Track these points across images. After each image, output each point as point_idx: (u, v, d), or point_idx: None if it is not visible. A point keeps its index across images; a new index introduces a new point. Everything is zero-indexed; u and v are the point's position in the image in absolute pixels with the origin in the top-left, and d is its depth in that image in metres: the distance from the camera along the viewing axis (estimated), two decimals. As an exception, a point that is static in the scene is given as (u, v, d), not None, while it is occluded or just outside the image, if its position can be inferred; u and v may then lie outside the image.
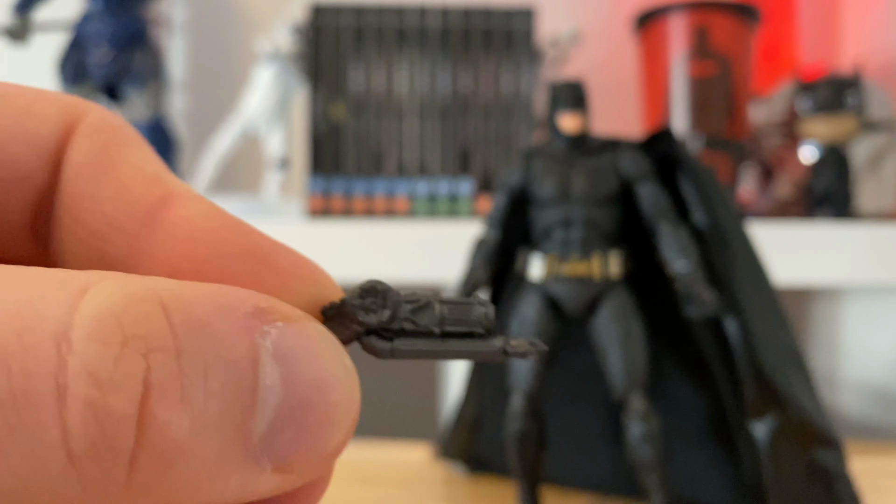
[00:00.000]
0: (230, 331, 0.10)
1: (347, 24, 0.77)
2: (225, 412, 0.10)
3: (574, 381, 0.42)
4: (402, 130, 0.78)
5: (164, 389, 0.09)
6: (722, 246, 0.38)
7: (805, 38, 0.97)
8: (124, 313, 0.09)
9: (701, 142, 0.77)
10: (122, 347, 0.09)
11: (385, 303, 0.12)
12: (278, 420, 0.10)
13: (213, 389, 0.10)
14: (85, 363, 0.09)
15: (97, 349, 0.09)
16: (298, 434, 0.10)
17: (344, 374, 0.11)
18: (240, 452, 0.10)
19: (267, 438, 0.10)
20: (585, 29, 0.86)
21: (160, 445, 0.09)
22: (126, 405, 0.09)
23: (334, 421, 0.11)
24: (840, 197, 0.73)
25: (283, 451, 0.10)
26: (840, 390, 0.80)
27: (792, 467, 0.36)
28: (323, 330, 0.11)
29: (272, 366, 0.10)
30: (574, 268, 0.38)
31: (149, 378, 0.09)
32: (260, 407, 0.10)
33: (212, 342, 0.10)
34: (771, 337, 0.37)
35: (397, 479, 0.46)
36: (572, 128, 0.40)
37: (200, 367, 0.10)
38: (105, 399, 0.09)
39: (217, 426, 0.10)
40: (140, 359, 0.09)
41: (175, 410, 0.09)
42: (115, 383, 0.09)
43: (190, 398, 0.09)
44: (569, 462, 0.43)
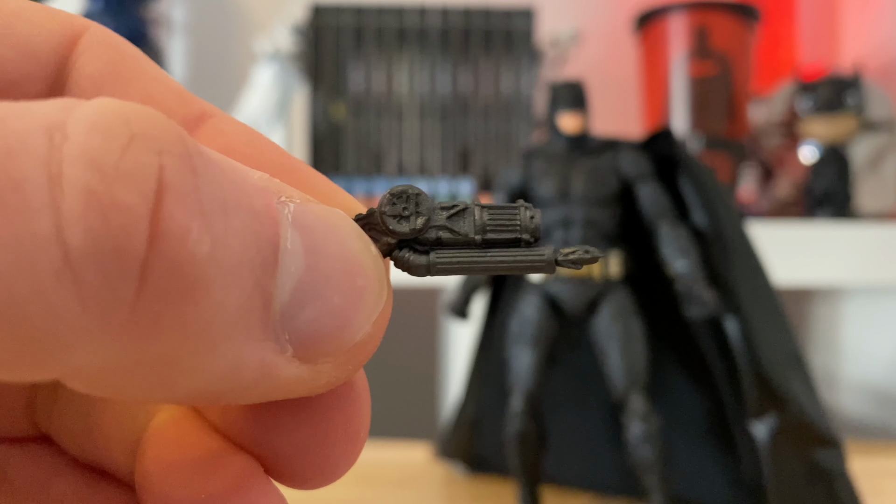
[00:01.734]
0: (247, 185, 0.09)
1: (347, 24, 0.77)
2: (246, 258, 0.08)
3: (574, 381, 0.42)
4: (402, 130, 0.78)
5: (181, 192, 0.08)
6: (722, 246, 0.38)
7: (805, 38, 0.97)
8: (132, 114, 0.08)
9: (701, 142, 0.77)
10: (130, 140, 0.07)
11: (418, 208, 0.11)
12: (300, 292, 0.09)
13: (234, 227, 0.08)
14: (84, 149, 0.07)
15: (99, 138, 0.07)
16: (322, 315, 0.09)
17: (370, 259, 0.10)
18: (260, 317, 0.09)
19: (289, 311, 0.09)
20: (585, 29, 0.86)
21: (177, 256, 0.08)
22: (136, 198, 0.07)
23: (360, 306, 0.10)
24: (840, 197, 0.73)
25: (306, 332, 0.09)
26: (840, 390, 0.80)
27: (792, 467, 0.36)
28: (345, 215, 0.10)
29: (293, 231, 0.09)
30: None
31: (163, 176, 0.08)
32: (282, 270, 0.09)
33: (228, 183, 0.08)
34: (771, 337, 0.37)
35: (397, 479, 0.46)
36: (572, 128, 0.40)
37: (219, 196, 0.08)
38: (109, 188, 0.07)
39: (237, 271, 0.08)
40: (153, 155, 0.08)
41: (195, 219, 0.08)
42: (123, 172, 0.07)
43: (209, 217, 0.08)
44: (569, 462, 0.43)
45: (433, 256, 0.11)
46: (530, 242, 0.11)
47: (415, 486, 0.45)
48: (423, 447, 0.53)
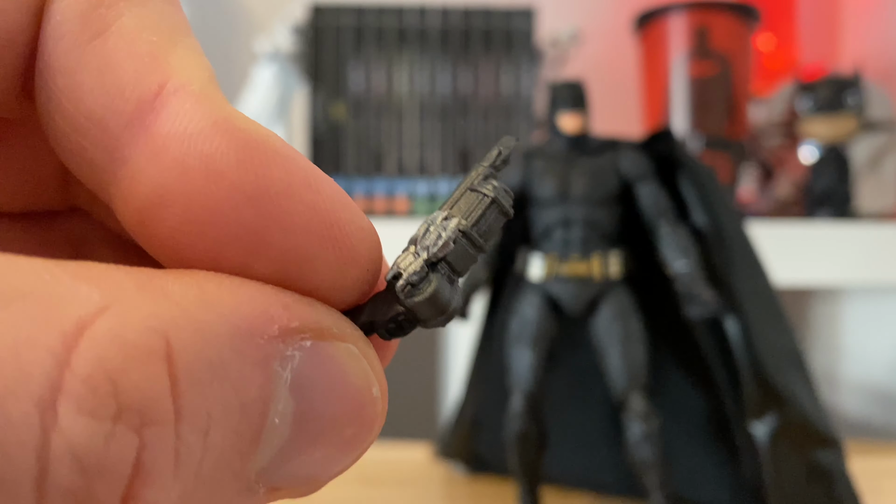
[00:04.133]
0: (245, 366, 0.09)
1: (347, 24, 0.77)
2: (221, 463, 0.09)
3: (574, 381, 0.42)
4: (402, 130, 0.78)
5: (154, 469, 0.08)
6: (722, 246, 0.38)
7: (805, 38, 0.97)
8: (122, 375, 0.08)
9: (701, 142, 0.77)
10: (115, 423, 0.08)
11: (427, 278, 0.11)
12: (281, 456, 0.09)
13: (213, 443, 0.08)
14: (71, 444, 0.07)
15: (86, 426, 0.07)
16: (301, 468, 0.09)
17: (367, 405, 0.10)
18: (233, 491, 0.09)
19: (265, 472, 0.09)
20: (585, 29, 0.86)
21: None
22: (109, 492, 0.08)
23: (343, 455, 0.10)
24: (840, 197, 0.73)
25: (281, 480, 0.09)
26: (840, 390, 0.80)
27: (792, 467, 0.36)
28: (356, 352, 0.10)
29: (286, 401, 0.09)
30: (574, 268, 0.38)
31: (140, 457, 0.08)
32: (262, 447, 0.09)
33: (220, 390, 0.08)
34: (771, 337, 0.37)
35: (397, 479, 0.46)
36: (572, 128, 0.40)
37: (202, 423, 0.08)
38: (88, 487, 0.07)
39: (211, 477, 0.09)
40: (133, 436, 0.08)
41: (164, 491, 0.08)
42: (102, 468, 0.08)
43: (184, 463, 0.08)
44: (569, 462, 0.43)
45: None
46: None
47: (415, 486, 0.45)
48: (423, 447, 0.53)
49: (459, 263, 0.11)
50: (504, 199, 0.12)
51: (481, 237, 0.11)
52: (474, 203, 0.12)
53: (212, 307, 0.08)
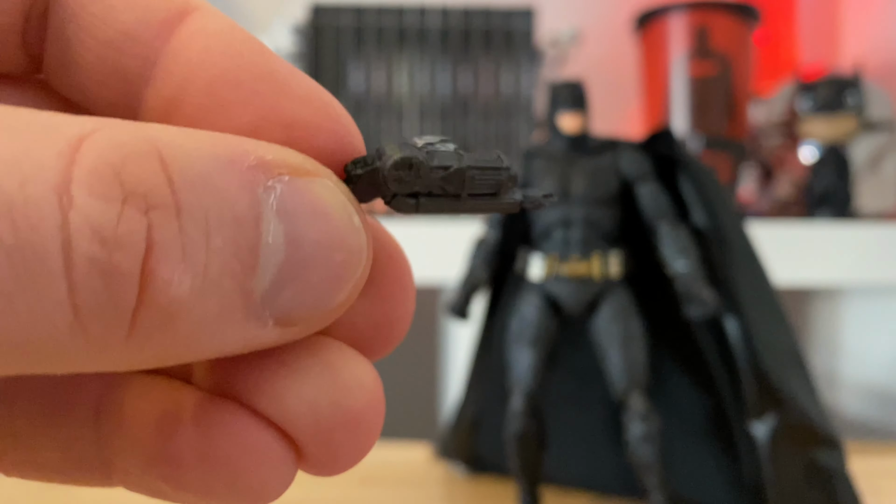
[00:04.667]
0: (231, 185, 0.10)
1: (347, 24, 0.77)
2: (226, 270, 0.10)
3: (574, 381, 0.42)
4: (402, 130, 0.78)
5: (165, 248, 0.09)
6: (722, 246, 0.38)
7: (805, 38, 0.97)
8: (123, 168, 0.09)
9: (701, 142, 0.77)
10: (123, 205, 0.09)
11: (419, 175, 0.12)
12: (281, 278, 0.10)
13: (215, 247, 0.10)
14: (88, 219, 0.09)
15: (99, 206, 0.09)
16: (301, 291, 0.10)
17: (351, 232, 0.11)
18: (241, 309, 0.10)
19: (269, 295, 0.10)
20: (585, 29, 0.86)
21: (161, 303, 0.09)
22: (130, 263, 0.09)
23: (338, 279, 0.11)
24: (840, 197, 0.73)
25: (286, 308, 0.10)
26: (840, 390, 0.80)
27: (792, 467, 0.36)
28: (331, 186, 0.11)
29: (276, 223, 0.10)
30: (574, 268, 0.38)
31: (150, 236, 0.09)
32: (262, 265, 0.10)
33: (212, 198, 0.10)
34: (771, 337, 0.37)
35: (397, 479, 0.46)
36: (572, 128, 0.40)
37: (201, 224, 0.09)
38: (109, 257, 0.09)
39: (218, 284, 0.10)
40: (141, 216, 0.09)
41: (176, 269, 0.09)
42: (119, 241, 0.09)
43: (191, 256, 0.09)
44: (569, 462, 0.43)
45: (423, 200, 0.12)
46: (504, 193, 0.13)
47: (415, 486, 0.45)
48: (423, 447, 0.53)
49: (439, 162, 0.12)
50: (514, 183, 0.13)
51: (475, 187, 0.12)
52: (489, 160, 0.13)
53: (194, 137, 0.10)
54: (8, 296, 0.08)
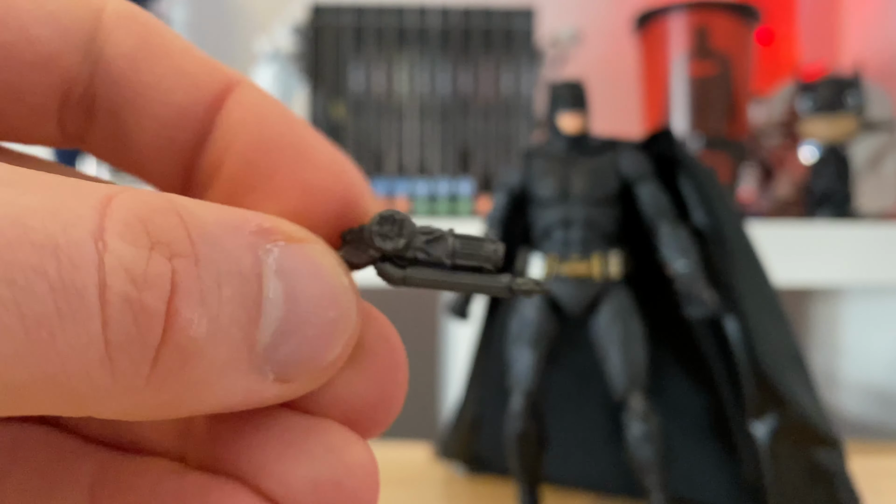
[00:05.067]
0: (237, 246, 0.11)
1: (347, 24, 0.77)
2: (235, 319, 0.11)
3: (574, 381, 0.42)
4: (402, 130, 0.78)
5: (187, 291, 0.10)
6: (722, 246, 0.38)
7: (805, 38, 0.97)
8: (149, 220, 0.10)
9: (701, 142, 0.77)
10: (151, 250, 0.10)
11: (401, 231, 0.13)
12: (280, 332, 0.11)
13: (226, 296, 0.11)
14: (121, 261, 0.10)
15: (130, 250, 0.10)
16: (299, 347, 0.11)
17: (342, 292, 0.12)
18: (246, 359, 0.11)
19: (270, 349, 0.11)
20: (585, 29, 0.86)
21: (181, 342, 0.10)
22: (157, 302, 0.10)
23: (332, 335, 0.12)
24: (840, 197, 0.73)
25: (285, 362, 0.11)
26: (840, 390, 0.81)
27: (792, 467, 0.36)
28: (323, 250, 0.12)
29: (275, 281, 0.11)
30: (574, 268, 0.38)
31: (175, 279, 0.10)
32: (264, 318, 0.11)
33: (222, 254, 0.11)
34: (771, 337, 0.37)
35: (397, 479, 0.46)
36: (572, 128, 0.40)
37: (214, 274, 0.10)
38: (140, 295, 0.10)
39: (228, 331, 0.11)
40: (166, 261, 0.10)
41: (196, 310, 0.10)
42: (148, 281, 0.10)
43: (207, 301, 0.10)
44: (569, 462, 0.43)
45: (409, 271, 0.13)
46: (491, 271, 0.13)
47: (415, 486, 0.45)
48: (423, 447, 0.53)
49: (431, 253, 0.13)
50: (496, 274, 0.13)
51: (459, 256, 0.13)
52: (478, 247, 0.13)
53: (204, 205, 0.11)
54: (50, 329, 0.09)
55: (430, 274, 0.13)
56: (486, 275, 0.13)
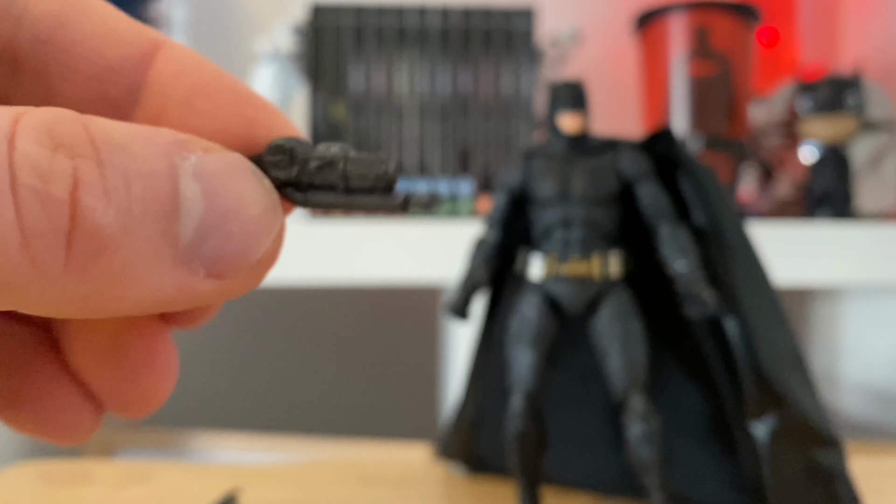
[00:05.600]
0: (149, 153, 0.12)
1: (347, 24, 0.77)
2: (148, 214, 0.12)
3: (574, 381, 0.42)
4: (402, 130, 0.78)
5: (89, 184, 0.11)
6: (722, 246, 0.38)
7: (805, 38, 0.97)
8: (55, 126, 0.11)
9: (701, 142, 0.77)
10: (54, 150, 0.11)
11: (292, 161, 0.13)
12: (203, 228, 0.12)
13: (135, 195, 0.11)
14: (28, 158, 0.11)
15: (36, 149, 0.11)
16: (224, 241, 0.12)
17: (263, 192, 0.13)
18: (169, 253, 0.12)
19: (194, 244, 0.12)
20: (585, 29, 0.86)
21: (90, 229, 0.11)
22: (62, 192, 0.11)
23: (256, 231, 0.13)
24: (840, 197, 0.73)
25: (213, 256, 0.12)
26: (840, 390, 0.81)
27: (792, 467, 0.36)
28: (241, 157, 0.13)
29: (192, 182, 0.12)
30: (574, 268, 0.38)
31: (76, 174, 0.11)
32: (183, 215, 0.12)
33: (130, 159, 0.12)
34: (771, 337, 0.37)
35: (397, 479, 0.46)
36: (572, 128, 0.40)
37: (120, 175, 0.11)
38: (46, 187, 0.11)
39: (142, 225, 0.11)
40: (69, 160, 0.11)
41: (99, 201, 0.11)
42: (53, 174, 0.11)
43: (113, 196, 0.11)
44: (569, 462, 0.43)
45: (308, 195, 0.14)
46: (384, 190, 0.13)
47: (415, 486, 0.45)
48: (423, 447, 0.53)
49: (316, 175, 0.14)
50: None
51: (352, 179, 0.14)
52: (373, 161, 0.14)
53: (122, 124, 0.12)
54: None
55: (328, 197, 0.13)
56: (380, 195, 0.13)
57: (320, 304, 0.96)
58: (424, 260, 0.67)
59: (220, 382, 0.97)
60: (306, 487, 0.43)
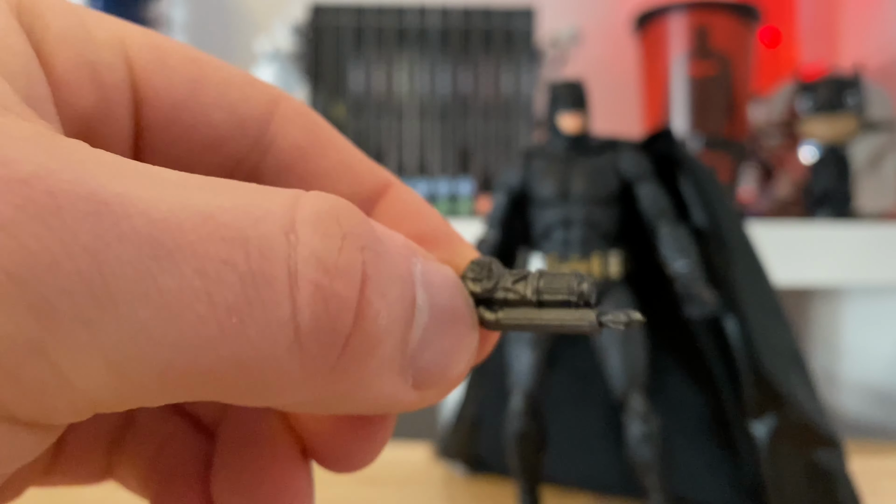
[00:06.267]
0: (398, 254, 0.12)
1: (347, 24, 0.77)
2: (397, 318, 0.11)
3: (574, 381, 0.42)
4: (402, 130, 0.78)
5: (376, 281, 0.11)
6: (722, 246, 0.38)
7: (805, 38, 0.97)
8: (340, 214, 0.11)
9: (701, 142, 0.77)
10: (343, 240, 0.10)
11: (490, 275, 0.14)
12: (424, 339, 0.12)
13: (394, 296, 0.11)
14: (313, 251, 0.10)
15: (322, 240, 0.10)
16: (437, 355, 0.12)
17: (469, 309, 0.13)
18: (399, 360, 0.11)
19: (416, 354, 0.12)
20: (585, 29, 0.86)
21: (370, 332, 0.10)
22: (349, 290, 0.10)
23: (462, 348, 0.13)
24: (840, 197, 0.73)
25: (425, 369, 0.12)
26: (840, 390, 0.81)
27: (792, 467, 0.36)
28: (453, 271, 0.13)
29: (421, 289, 0.12)
30: (574, 268, 0.38)
31: (365, 270, 0.10)
32: (416, 323, 0.12)
33: (391, 258, 0.11)
34: (771, 337, 0.37)
35: (397, 479, 0.46)
36: (572, 128, 0.40)
37: (388, 273, 0.11)
38: (332, 283, 0.10)
39: (394, 329, 0.11)
40: (358, 252, 0.10)
41: (382, 302, 0.11)
42: (340, 270, 0.10)
43: (386, 296, 0.11)
44: (569, 462, 0.43)
45: (500, 313, 0.14)
46: (579, 304, 0.13)
47: (415, 486, 0.45)
48: (423, 447, 0.53)
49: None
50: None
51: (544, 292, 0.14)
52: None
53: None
54: (240, 316, 0.09)
55: (520, 314, 0.14)
56: (572, 309, 0.13)
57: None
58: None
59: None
60: (306, 487, 0.43)
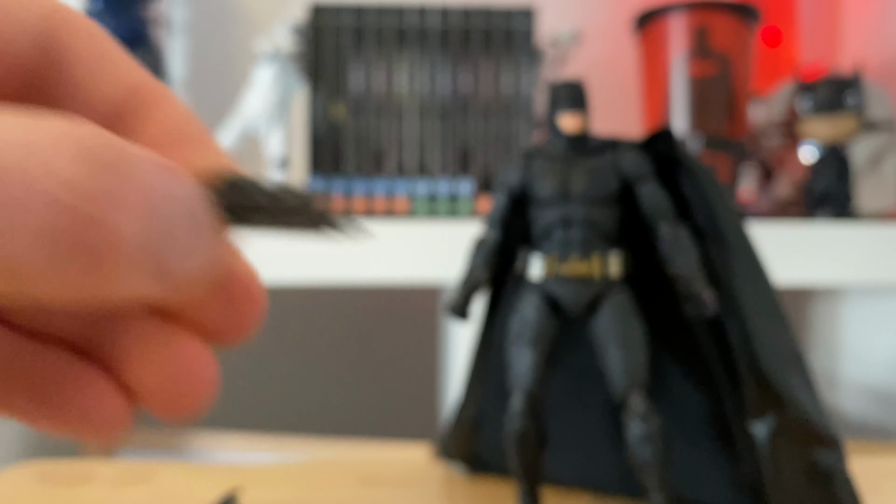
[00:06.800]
0: (142, 167, 0.13)
1: (347, 24, 0.77)
2: (138, 230, 0.13)
3: (574, 380, 0.42)
4: (402, 130, 0.78)
5: (120, 200, 0.12)
6: (722, 246, 0.38)
7: (805, 38, 0.97)
8: (89, 142, 0.12)
9: (701, 142, 0.77)
10: (91, 165, 0.12)
11: (235, 185, 0.15)
12: (163, 242, 0.13)
13: (136, 211, 0.13)
14: (64, 174, 0.12)
15: (73, 166, 0.12)
16: (175, 256, 0.14)
17: (207, 213, 0.14)
18: (140, 261, 0.13)
19: (155, 254, 0.13)
20: (585, 29, 0.86)
21: (112, 241, 0.12)
22: (96, 209, 0.12)
23: (198, 246, 0.14)
24: (840, 197, 0.73)
25: (165, 265, 0.13)
26: (840, 390, 0.81)
27: (792, 467, 0.36)
28: (195, 182, 0.14)
29: (163, 201, 0.13)
30: (574, 268, 0.38)
31: (111, 190, 0.12)
32: (155, 228, 0.13)
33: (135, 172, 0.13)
34: (771, 337, 0.37)
35: (397, 479, 0.46)
36: (572, 128, 0.40)
37: (130, 191, 0.13)
38: (81, 203, 0.12)
39: (133, 239, 0.13)
40: (104, 175, 0.12)
41: (125, 217, 0.12)
42: (88, 192, 0.12)
43: (129, 212, 0.13)
44: (569, 462, 0.43)
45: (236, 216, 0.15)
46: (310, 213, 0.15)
47: (415, 486, 0.45)
48: (423, 447, 0.53)
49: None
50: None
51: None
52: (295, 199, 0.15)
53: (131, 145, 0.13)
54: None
55: (255, 215, 0.15)
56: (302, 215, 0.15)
57: (320, 304, 0.96)
58: (424, 260, 0.67)
59: (220, 382, 0.97)
60: (306, 487, 0.43)
